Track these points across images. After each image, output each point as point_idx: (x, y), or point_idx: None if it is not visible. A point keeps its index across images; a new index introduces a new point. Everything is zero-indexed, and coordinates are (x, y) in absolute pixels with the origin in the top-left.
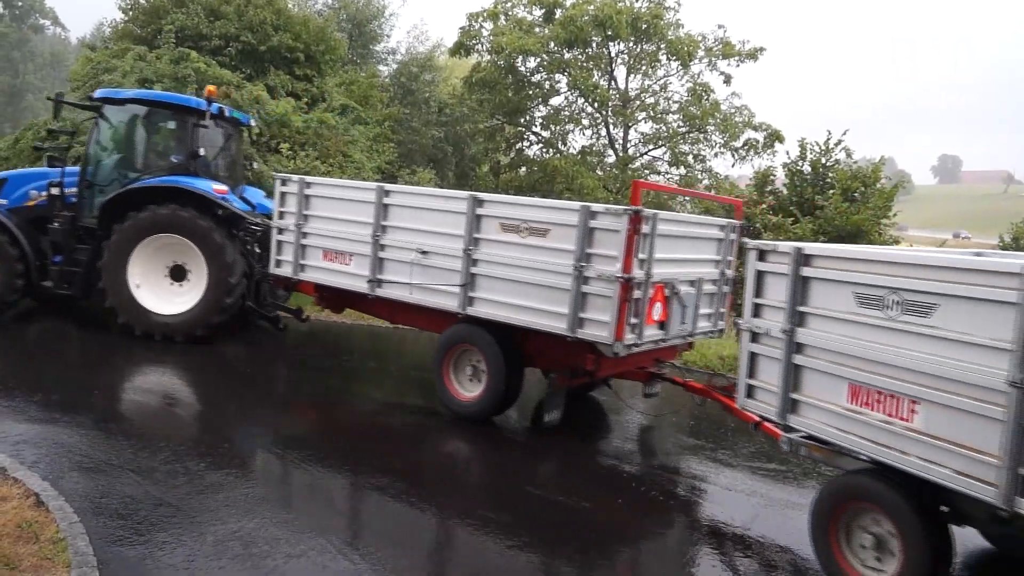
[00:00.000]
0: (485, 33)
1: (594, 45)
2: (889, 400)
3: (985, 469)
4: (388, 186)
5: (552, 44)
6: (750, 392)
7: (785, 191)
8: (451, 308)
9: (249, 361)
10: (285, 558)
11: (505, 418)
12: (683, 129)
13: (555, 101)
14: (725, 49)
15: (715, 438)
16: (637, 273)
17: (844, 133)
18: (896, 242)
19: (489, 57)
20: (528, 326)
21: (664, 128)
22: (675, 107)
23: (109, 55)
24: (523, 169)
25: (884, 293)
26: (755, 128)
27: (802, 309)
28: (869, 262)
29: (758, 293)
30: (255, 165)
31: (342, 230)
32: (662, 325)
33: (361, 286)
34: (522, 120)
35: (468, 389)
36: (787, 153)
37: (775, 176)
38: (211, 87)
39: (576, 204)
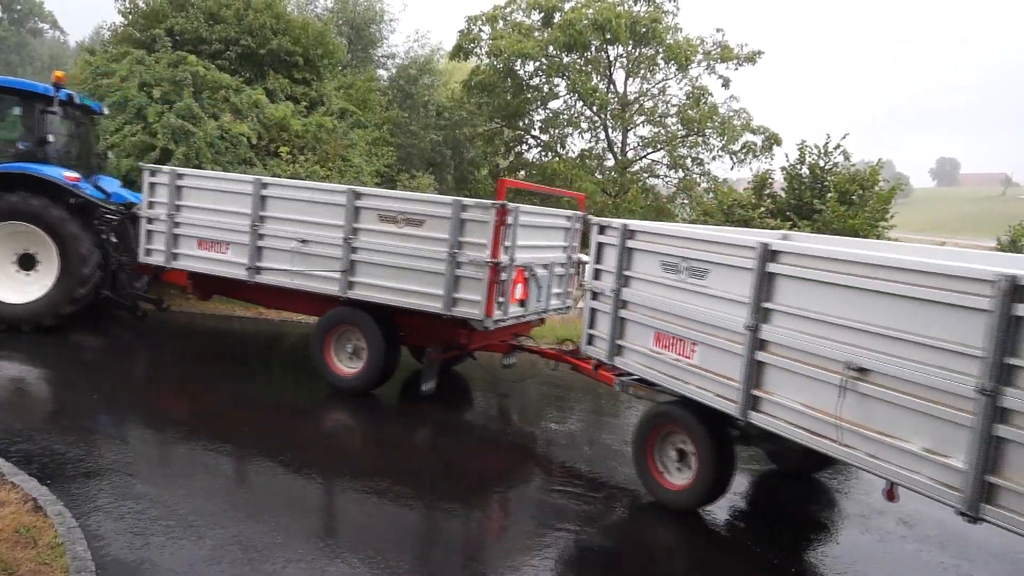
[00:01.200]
0: (484, 37)
1: (593, 49)
2: (678, 343)
3: (730, 390)
4: (266, 179)
5: (551, 48)
6: (591, 340)
7: (783, 194)
8: (332, 292)
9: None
10: (284, 563)
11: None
12: (682, 132)
13: (554, 104)
14: (723, 53)
15: None
16: (503, 258)
17: (843, 136)
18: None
19: (488, 60)
20: (406, 307)
21: (663, 131)
22: (673, 110)
23: (108, 59)
24: (522, 172)
25: (678, 261)
26: (753, 131)
27: (627, 273)
28: (670, 236)
29: (598, 260)
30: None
31: (219, 220)
32: (523, 303)
33: (239, 273)
34: (521, 123)
35: (349, 365)
36: (785, 156)
37: (773, 180)
38: (58, 72)
39: (449, 198)
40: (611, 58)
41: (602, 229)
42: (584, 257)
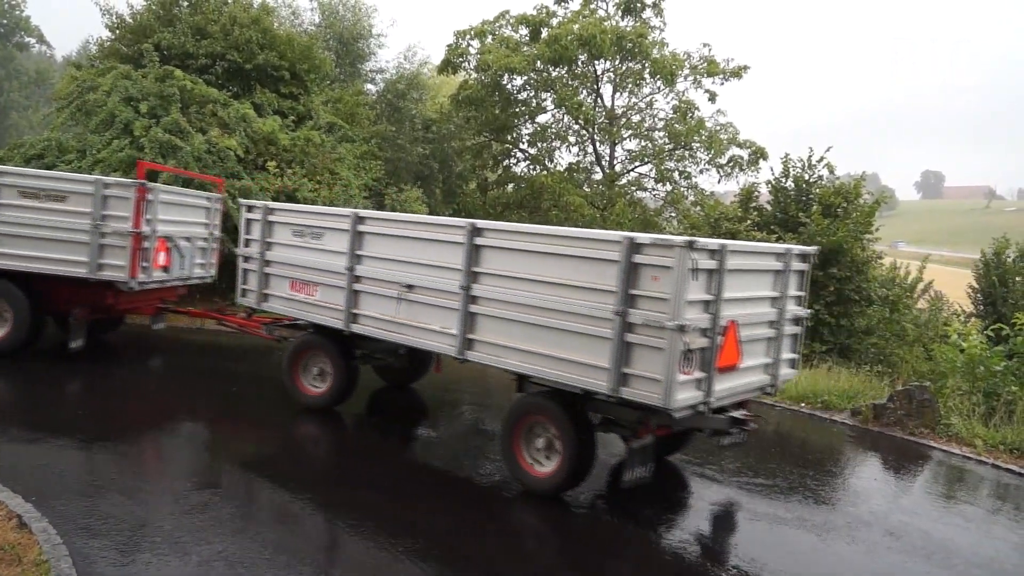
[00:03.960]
0: (472, 51)
1: (579, 63)
2: (307, 286)
3: (339, 314)
4: None
5: (538, 62)
6: (244, 294)
7: (769, 208)
8: None
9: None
10: None
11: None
12: (669, 146)
13: (542, 118)
14: (710, 67)
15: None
16: (145, 229)
17: (827, 150)
18: (879, 258)
19: (476, 75)
20: (52, 273)
21: (650, 145)
22: (660, 124)
23: (94, 73)
24: (510, 186)
25: (303, 228)
26: (740, 145)
27: (269, 240)
28: (294, 211)
29: (247, 232)
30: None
31: None
32: (166, 269)
33: None
34: (509, 137)
35: None
36: (771, 170)
37: (759, 193)
38: None
39: (91, 177)
40: (598, 72)
41: (249, 208)
42: None
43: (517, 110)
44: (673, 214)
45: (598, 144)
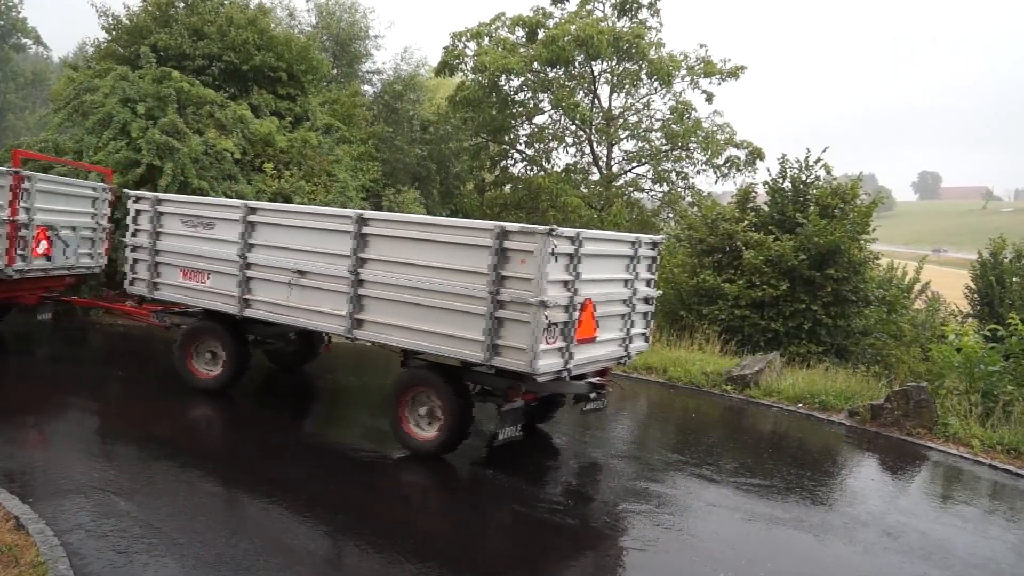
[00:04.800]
0: (469, 53)
1: (576, 64)
2: (198, 274)
3: (231, 299)
4: None
5: (535, 63)
6: (133, 283)
7: (767, 208)
8: None
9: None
10: None
11: None
12: (666, 147)
13: (539, 119)
14: (707, 68)
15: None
16: (22, 217)
17: (824, 150)
18: (877, 258)
19: (473, 76)
20: None
21: (647, 146)
22: (658, 125)
23: (91, 75)
24: (508, 187)
25: (193, 218)
26: (737, 146)
27: (159, 230)
28: (184, 202)
29: (136, 223)
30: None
31: None
32: (48, 258)
33: None
34: (506, 138)
35: None
36: (768, 170)
37: (756, 193)
38: None
39: None
40: (595, 73)
41: (138, 200)
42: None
43: (514, 111)
44: (670, 215)
45: (595, 145)
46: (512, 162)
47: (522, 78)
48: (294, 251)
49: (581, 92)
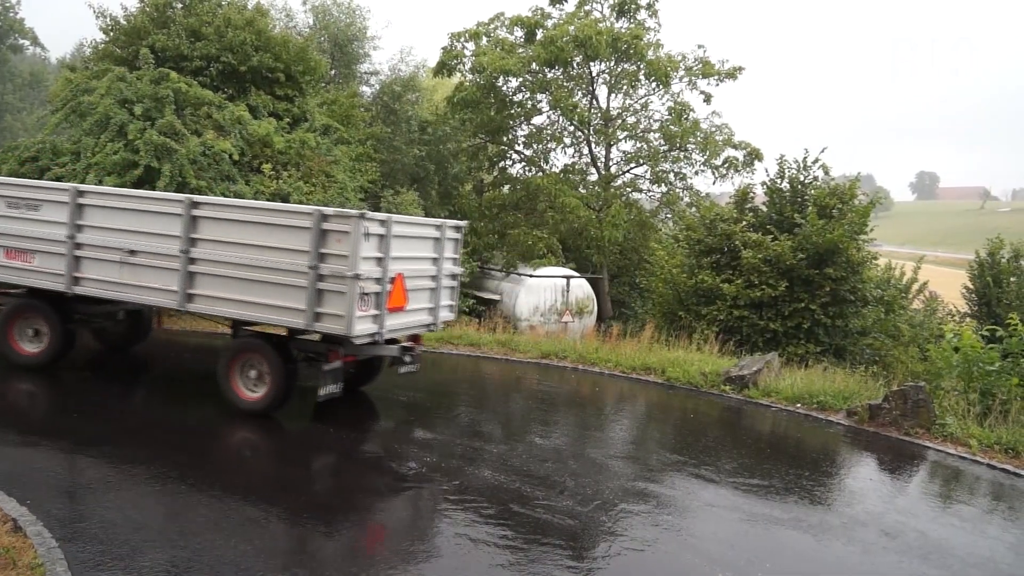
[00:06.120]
0: (467, 53)
1: (575, 65)
2: (23, 254)
3: (60, 278)
4: None
5: (533, 64)
6: None
7: (765, 209)
8: None
9: None
10: None
11: None
12: (664, 148)
13: (537, 120)
14: (704, 69)
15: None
16: None
17: (822, 151)
18: (875, 258)
19: (471, 77)
20: None
21: (645, 147)
22: (656, 126)
23: (89, 76)
24: (506, 187)
25: (18, 200)
26: (735, 146)
27: None
28: (7, 184)
29: None
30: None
31: None
32: None
33: None
34: (504, 139)
35: None
36: (766, 171)
37: (755, 194)
38: None
39: None
40: (593, 74)
41: None
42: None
43: (512, 112)
44: (668, 215)
45: (593, 146)
46: (510, 163)
47: (520, 79)
48: (125, 232)
49: (579, 93)
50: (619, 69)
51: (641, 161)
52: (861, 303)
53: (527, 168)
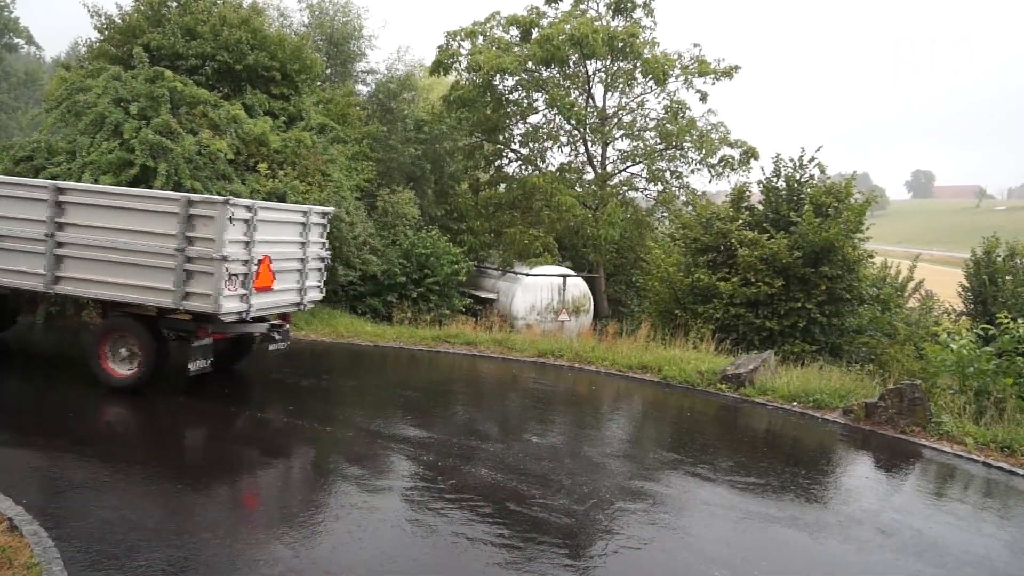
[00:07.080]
0: (463, 52)
1: (571, 63)
2: None
3: None
4: None
5: (529, 63)
6: None
7: (761, 207)
8: None
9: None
10: None
11: None
12: (660, 146)
13: (533, 119)
14: (701, 67)
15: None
16: None
17: (817, 149)
18: (871, 256)
19: (467, 76)
20: None
21: (641, 145)
22: (652, 124)
23: (84, 75)
24: (502, 186)
25: None
26: (731, 145)
27: None
28: None
29: None
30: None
31: None
32: None
33: None
34: (501, 137)
35: None
36: (762, 169)
37: (751, 193)
38: None
39: None
40: (589, 73)
41: None
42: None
43: (508, 111)
44: (665, 214)
45: (590, 144)
46: (507, 161)
47: (516, 77)
48: None
49: (575, 91)
50: (615, 68)
51: (637, 160)
52: (857, 301)
53: (523, 167)
